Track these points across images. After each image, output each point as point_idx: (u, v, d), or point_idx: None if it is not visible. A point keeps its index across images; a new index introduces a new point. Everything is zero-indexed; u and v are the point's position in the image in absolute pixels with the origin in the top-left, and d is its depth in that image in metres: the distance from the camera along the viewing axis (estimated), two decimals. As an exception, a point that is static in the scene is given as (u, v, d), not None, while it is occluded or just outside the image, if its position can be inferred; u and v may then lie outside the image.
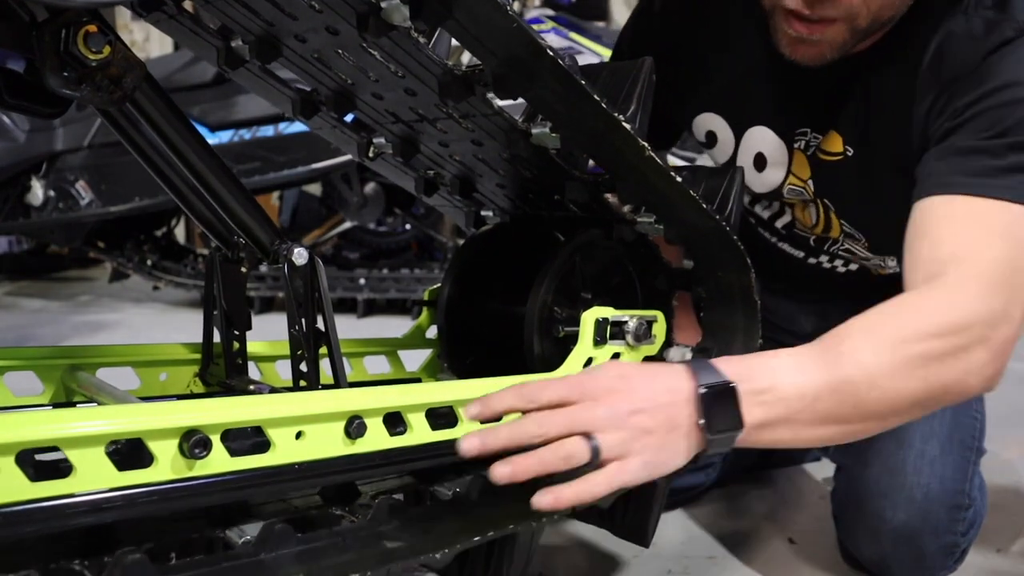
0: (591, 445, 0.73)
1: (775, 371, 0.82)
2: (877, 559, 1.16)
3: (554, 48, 0.77)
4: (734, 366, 0.81)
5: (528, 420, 0.74)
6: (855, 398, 0.82)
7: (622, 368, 0.80)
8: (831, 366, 0.82)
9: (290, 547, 0.71)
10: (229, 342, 0.98)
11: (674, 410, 0.77)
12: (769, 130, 1.20)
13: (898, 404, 0.84)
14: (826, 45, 1.02)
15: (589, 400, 0.75)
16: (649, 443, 0.75)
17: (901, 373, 0.83)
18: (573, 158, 0.98)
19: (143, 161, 0.91)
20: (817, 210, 1.24)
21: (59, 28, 0.65)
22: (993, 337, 0.86)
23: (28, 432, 0.59)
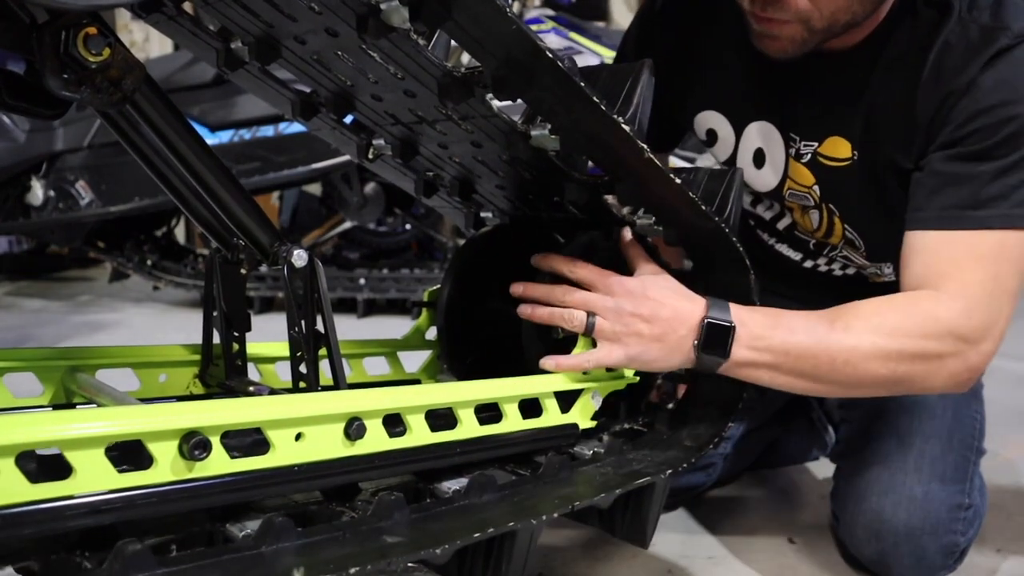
0: (589, 321, 0.96)
1: (775, 325, 0.99)
2: (877, 558, 1.16)
3: (553, 49, 0.77)
4: (743, 312, 0.99)
5: (558, 288, 0.98)
6: (829, 367, 0.98)
7: (653, 281, 0.99)
8: (820, 336, 0.98)
9: (290, 541, 0.71)
10: (229, 343, 0.98)
11: (671, 326, 0.97)
12: (768, 123, 1.21)
13: (863, 381, 1.00)
14: (786, 41, 1.05)
15: (606, 292, 0.97)
16: (637, 341, 0.97)
17: (874, 359, 0.98)
18: (572, 160, 0.98)
19: (143, 162, 0.91)
20: (821, 215, 1.25)
21: (59, 30, 0.65)
22: (971, 353, 1.00)
23: (28, 434, 0.59)
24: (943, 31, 1.03)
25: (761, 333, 0.98)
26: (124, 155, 0.96)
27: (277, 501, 0.81)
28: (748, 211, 1.38)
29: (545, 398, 0.98)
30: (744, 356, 0.98)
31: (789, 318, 1.00)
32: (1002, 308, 1.00)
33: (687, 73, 1.24)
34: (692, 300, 1.00)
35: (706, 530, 1.35)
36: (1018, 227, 1.00)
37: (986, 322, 0.99)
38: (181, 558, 0.65)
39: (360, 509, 0.80)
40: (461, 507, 0.85)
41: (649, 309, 0.96)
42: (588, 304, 0.97)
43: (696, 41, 1.23)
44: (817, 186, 1.20)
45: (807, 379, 1.00)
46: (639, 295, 0.97)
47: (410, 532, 0.77)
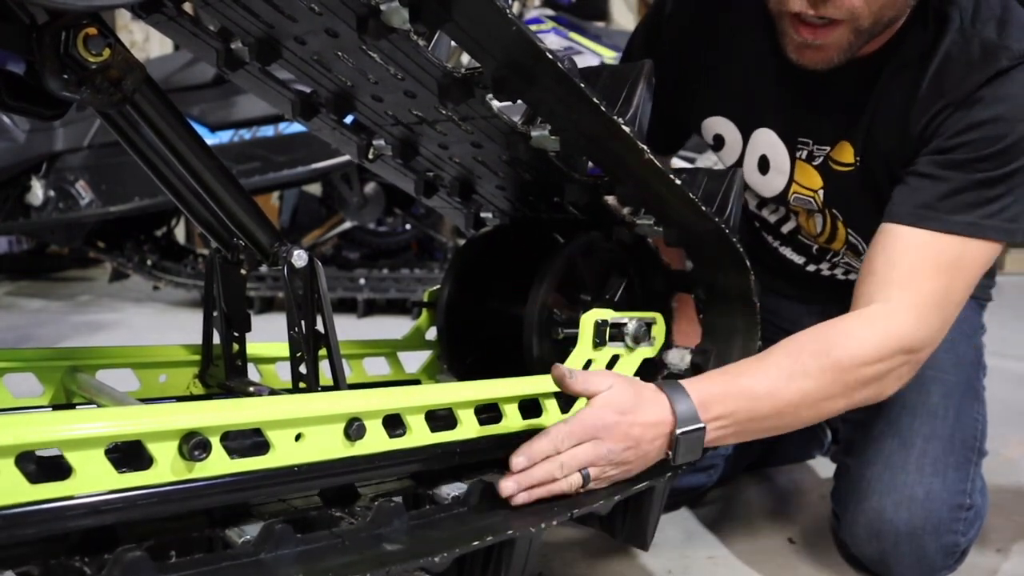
0: (583, 475, 0.91)
1: (735, 396, 0.98)
2: (878, 557, 1.16)
3: (553, 50, 0.77)
4: (702, 393, 0.96)
5: (552, 465, 0.89)
6: (793, 416, 1.02)
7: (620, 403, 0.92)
8: (779, 389, 0.99)
9: (290, 547, 0.71)
10: (229, 344, 0.98)
11: (654, 446, 0.95)
12: (773, 133, 1.22)
13: (825, 414, 1.04)
14: (832, 49, 1.04)
15: (595, 440, 0.91)
16: (623, 473, 0.94)
17: (835, 396, 1.01)
18: (572, 160, 0.98)
19: (143, 163, 0.91)
20: (824, 219, 1.25)
21: (59, 31, 0.65)
22: (918, 358, 1.05)
23: (28, 434, 0.59)
24: (944, 41, 1.04)
25: (723, 411, 0.97)
26: (124, 155, 0.96)
27: (276, 507, 0.81)
28: (754, 213, 1.39)
29: (545, 399, 0.98)
30: (713, 437, 0.97)
31: (748, 379, 0.99)
32: (948, 317, 1.05)
33: (694, 78, 1.25)
34: (659, 407, 0.94)
35: (706, 530, 1.35)
36: (982, 238, 1.03)
37: (933, 332, 1.04)
38: (180, 564, 0.65)
39: (359, 516, 0.80)
40: (460, 514, 0.85)
41: (634, 438, 0.93)
42: (584, 463, 0.91)
43: (704, 47, 1.23)
44: (822, 190, 1.21)
45: (773, 429, 1.03)
46: (624, 428, 0.92)
47: (409, 539, 0.77)
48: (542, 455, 0.89)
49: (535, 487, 0.88)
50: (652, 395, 0.95)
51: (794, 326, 1.44)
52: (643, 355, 1.09)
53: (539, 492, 0.89)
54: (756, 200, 1.35)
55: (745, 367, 1.02)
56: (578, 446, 0.90)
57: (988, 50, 1.02)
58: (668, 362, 1.13)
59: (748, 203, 1.39)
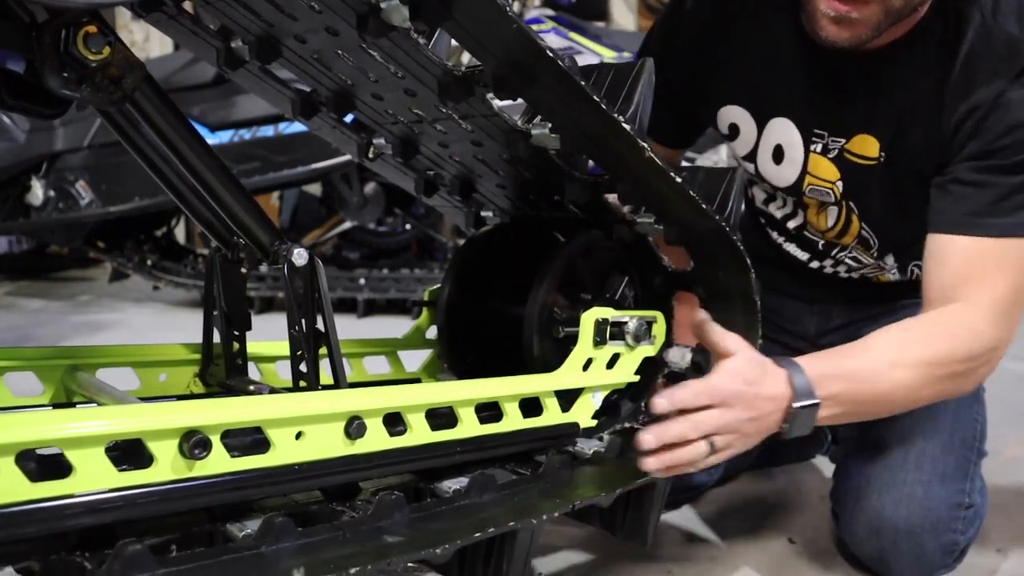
0: (710, 443, 0.95)
1: (845, 378, 1.03)
2: (877, 555, 1.16)
3: (553, 49, 0.77)
4: (817, 370, 1.01)
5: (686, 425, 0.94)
6: (888, 404, 1.09)
7: (747, 371, 0.98)
8: (879, 377, 1.04)
9: (290, 540, 0.71)
10: (229, 342, 0.98)
11: (772, 419, 0.99)
12: (789, 122, 1.22)
13: (913, 403, 1.11)
14: (862, 25, 1.05)
15: (723, 406, 0.95)
16: (744, 443, 0.98)
17: (926, 388, 1.07)
18: (573, 159, 0.98)
19: (143, 162, 0.91)
20: (839, 212, 1.26)
21: (59, 29, 0.65)
22: (996, 358, 1.09)
23: (28, 433, 0.59)
24: (967, 37, 1.06)
25: (834, 391, 1.01)
26: (124, 155, 0.96)
27: (277, 501, 0.81)
28: (760, 208, 1.39)
29: (546, 397, 0.98)
30: (821, 416, 1.02)
31: (855, 363, 1.05)
32: (1018, 315, 1.09)
33: (712, 69, 1.25)
34: (780, 380, 0.99)
35: (706, 530, 1.35)
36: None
37: (1008, 329, 1.08)
38: (181, 558, 0.65)
39: (360, 509, 0.80)
40: (461, 506, 0.85)
41: (757, 409, 0.98)
42: (712, 429, 0.95)
43: (723, 38, 1.24)
44: (841, 182, 1.22)
45: (869, 414, 1.10)
46: (749, 398, 0.97)
47: (410, 532, 0.77)
48: (682, 404, 0.94)
49: (667, 452, 0.93)
50: (773, 368, 0.99)
51: (795, 324, 1.45)
52: (644, 354, 1.09)
53: (669, 459, 0.93)
54: (764, 195, 1.35)
55: (851, 351, 1.06)
56: (708, 409, 0.94)
57: (1012, 45, 1.04)
58: (669, 361, 1.13)
59: (756, 199, 1.39)
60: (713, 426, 0.95)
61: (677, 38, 1.28)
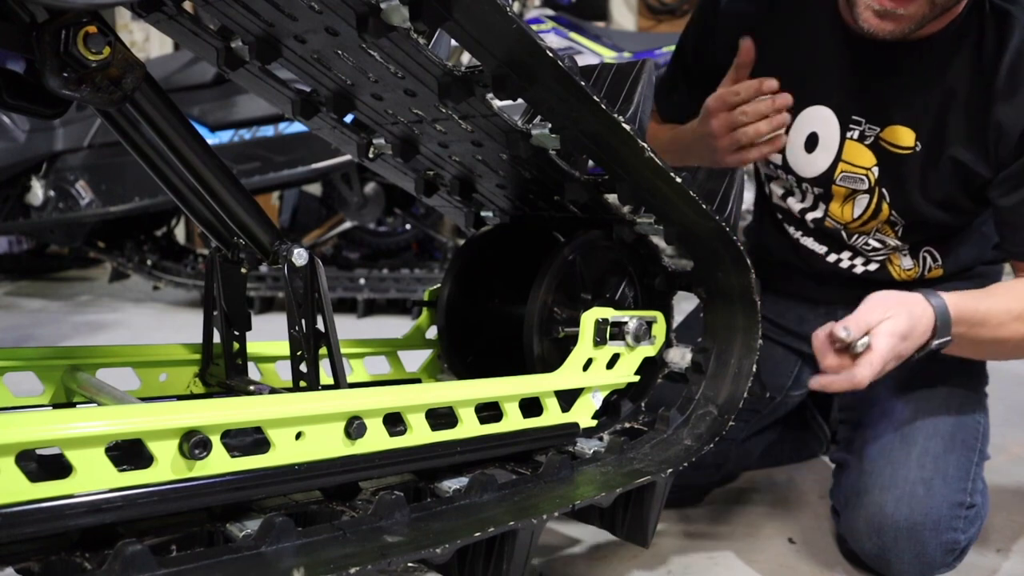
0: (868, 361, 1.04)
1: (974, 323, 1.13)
2: (877, 553, 1.16)
3: (553, 49, 0.77)
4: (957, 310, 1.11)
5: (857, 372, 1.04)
6: (999, 350, 1.19)
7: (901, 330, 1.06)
8: (1003, 325, 1.15)
9: (290, 540, 0.71)
10: (229, 343, 0.98)
11: (912, 351, 1.09)
12: (826, 109, 1.26)
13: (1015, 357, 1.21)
14: (906, 19, 1.08)
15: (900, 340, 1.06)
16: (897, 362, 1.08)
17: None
18: (573, 159, 0.98)
19: (143, 162, 0.91)
20: (870, 200, 1.28)
21: (59, 29, 0.65)
22: None
23: (28, 433, 0.59)
24: (1011, 42, 1.11)
25: (962, 330, 1.12)
26: (124, 155, 0.96)
27: (277, 501, 0.81)
28: (777, 204, 1.40)
29: (546, 397, 0.98)
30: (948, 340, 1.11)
31: (985, 308, 1.14)
32: None
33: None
34: (928, 318, 1.09)
35: (706, 530, 1.35)
36: None
37: None
38: (181, 558, 0.65)
39: (360, 508, 0.80)
40: (462, 506, 0.85)
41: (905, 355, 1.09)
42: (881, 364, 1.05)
43: (756, 28, 1.26)
44: (877, 167, 1.25)
45: (980, 355, 1.22)
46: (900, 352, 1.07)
47: (410, 531, 0.77)
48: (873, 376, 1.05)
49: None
50: (921, 311, 1.08)
51: (800, 326, 1.45)
52: (644, 353, 1.09)
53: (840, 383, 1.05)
54: (783, 190, 1.37)
55: (983, 296, 1.17)
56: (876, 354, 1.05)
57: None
58: (669, 360, 1.13)
59: (773, 194, 1.40)
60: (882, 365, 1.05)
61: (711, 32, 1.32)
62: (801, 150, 1.29)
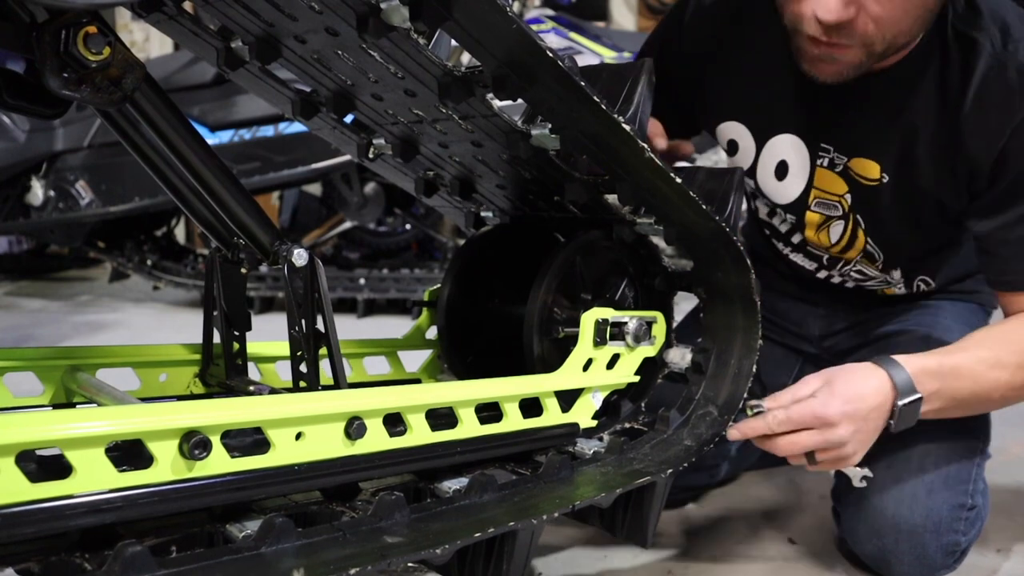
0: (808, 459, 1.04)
1: (944, 376, 1.07)
2: (878, 555, 1.16)
3: (553, 49, 0.77)
4: (917, 368, 1.05)
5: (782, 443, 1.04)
6: (984, 402, 1.12)
7: (847, 392, 1.03)
8: (979, 376, 1.08)
9: (290, 541, 0.71)
10: (229, 343, 0.98)
11: (879, 421, 1.05)
12: (796, 137, 1.22)
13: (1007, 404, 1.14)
14: (844, 64, 1.06)
15: (824, 429, 1.02)
16: (861, 447, 1.05)
17: (1018, 390, 1.10)
18: (573, 159, 0.98)
19: (143, 162, 0.91)
20: (845, 226, 1.26)
21: (59, 29, 0.65)
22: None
23: (28, 433, 0.59)
24: (978, 68, 1.06)
25: (935, 388, 1.06)
26: (124, 155, 0.96)
27: (277, 501, 0.81)
28: (764, 221, 1.39)
29: (546, 397, 0.98)
30: (924, 410, 1.07)
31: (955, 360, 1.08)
32: None
33: (709, 84, 1.26)
34: (879, 383, 1.04)
35: (706, 530, 1.35)
36: None
37: None
38: (181, 559, 0.65)
39: (360, 509, 0.80)
40: (461, 507, 0.85)
41: (862, 418, 1.03)
42: (807, 448, 1.03)
43: (720, 55, 1.24)
44: (849, 195, 1.22)
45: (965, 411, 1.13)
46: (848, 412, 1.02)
47: (410, 532, 0.77)
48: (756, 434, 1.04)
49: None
50: (873, 371, 1.04)
51: (800, 327, 1.45)
52: (644, 354, 1.09)
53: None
54: (767, 208, 1.35)
55: (950, 351, 1.10)
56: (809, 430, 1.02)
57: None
58: (669, 361, 1.13)
59: (759, 211, 1.39)
60: (813, 445, 1.02)
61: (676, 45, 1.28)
62: (771, 178, 1.27)
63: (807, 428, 1.02)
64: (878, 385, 1.04)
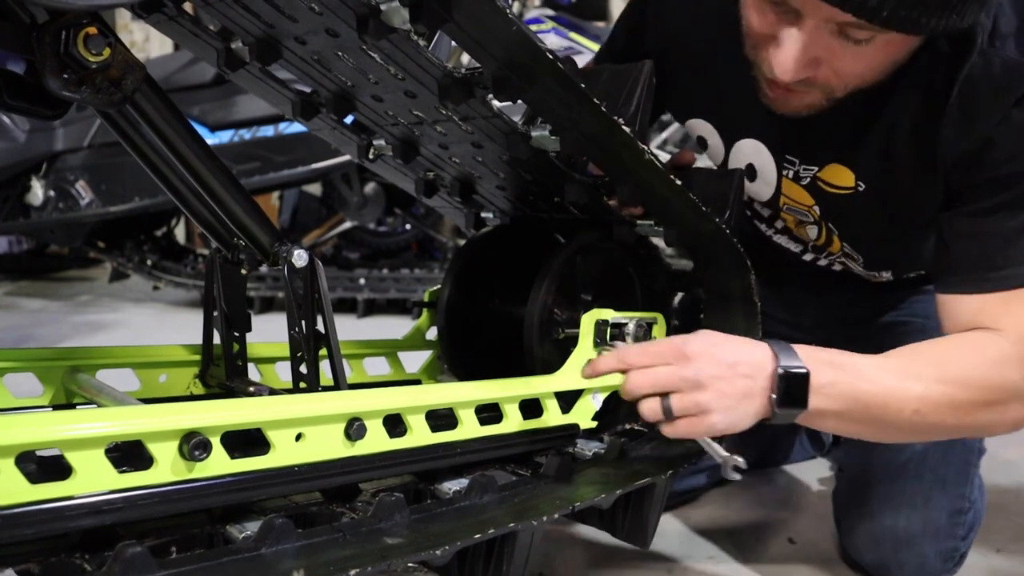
0: (664, 406, 0.89)
1: (843, 369, 0.93)
2: (878, 563, 1.16)
3: (553, 51, 0.77)
4: (807, 354, 0.92)
5: (630, 379, 0.91)
6: (897, 415, 0.94)
7: (715, 338, 0.92)
8: (889, 384, 0.93)
9: (290, 542, 0.71)
10: (229, 344, 0.98)
11: (752, 381, 0.90)
12: (760, 143, 1.17)
13: (929, 429, 0.97)
14: (802, 106, 1.00)
15: (680, 363, 0.89)
16: (724, 402, 0.89)
17: (944, 409, 0.94)
18: (573, 160, 0.98)
19: (143, 162, 0.91)
20: (820, 230, 1.22)
21: (59, 30, 0.65)
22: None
23: (28, 434, 0.59)
24: (965, 65, 0.96)
25: (832, 379, 0.92)
26: (124, 155, 0.96)
27: (277, 502, 0.81)
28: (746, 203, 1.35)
29: (546, 398, 0.98)
30: (818, 405, 0.91)
31: (857, 362, 0.94)
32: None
33: (677, 74, 1.19)
34: (760, 349, 0.92)
35: (706, 530, 1.35)
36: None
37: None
38: (181, 560, 0.65)
39: (360, 510, 0.80)
40: (461, 508, 0.85)
41: (727, 367, 0.89)
42: (659, 386, 0.89)
43: (688, 44, 1.18)
44: (817, 207, 1.17)
45: (873, 426, 0.96)
46: (711, 354, 0.89)
47: (410, 533, 0.77)
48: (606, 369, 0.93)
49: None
50: (752, 342, 0.93)
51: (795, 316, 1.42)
52: (643, 355, 1.09)
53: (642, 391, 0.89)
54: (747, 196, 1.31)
55: (855, 354, 0.96)
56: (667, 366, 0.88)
57: (1012, 69, 0.94)
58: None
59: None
60: (658, 381, 0.88)
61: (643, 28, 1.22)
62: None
63: (664, 364, 0.89)
64: (754, 345, 0.92)
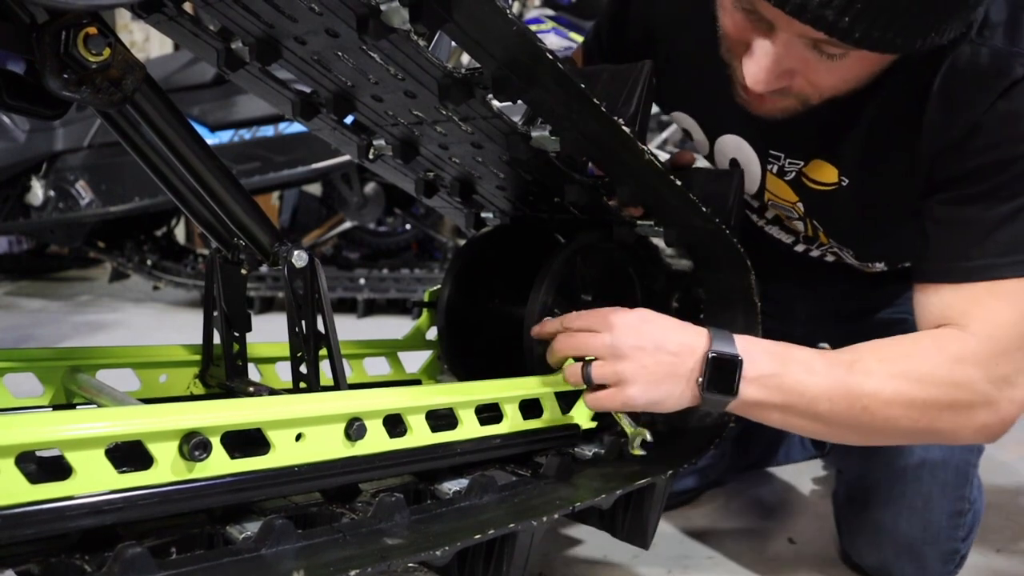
0: (584, 372, 0.93)
1: (785, 361, 0.91)
2: (878, 566, 1.16)
3: (553, 51, 0.77)
4: (751, 345, 0.91)
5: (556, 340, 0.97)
6: (847, 412, 0.90)
7: (649, 315, 0.93)
8: (837, 377, 0.90)
9: (290, 543, 0.71)
10: (229, 344, 0.98)
11: (678, 360, 0.90)
12: (742, 139, 1.15)
13: (883, 430, 0.92)
14: (777, 110, 0.98)
15: (606, 331, 0.91)
16: (644, 376, 0.90)
17: (897, 407, 0.90)
18: (573, 161, 0.98)
19: (143, 162, 0.91)
20: (806, 225, 1.20)
21: (59, 30, 0.65)
22: (1002, 402, 0.91)
23: (28, 434, 0.59)
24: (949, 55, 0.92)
25: (772, 370, 0.90)
26: (124, 155, 0.96)
27: (277, 503, 0.81)
28: None
29: (546, 399, 0.98)
30: (753, 395, 0.90)
31: (803, 355, 0.92)
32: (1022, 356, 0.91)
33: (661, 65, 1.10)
34: (695, 332, 0.92)
35: (706, 530, 1.35)
36: None
37: (1018, 366, 0.91)
38: (181, 560, 0.65)
39: (360, 511, 0.80)
40: (461, 508, 0.85)
41: (652, 342, 0.90)
42: (580, 350, 0.93)
43: (671, 36, 1.15)
44: (801, 203, 1.15)
45: (822, 423, 0.92)
46: (638, 327, 0.91)
47: (410, 533, 0.77)
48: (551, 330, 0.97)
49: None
50: (690, 325, 0.93)
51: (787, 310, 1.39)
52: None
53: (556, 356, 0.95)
54: None
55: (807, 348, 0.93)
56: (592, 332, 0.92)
57: (1000, 59, 0.90)
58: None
59: None
60: (579, 345, 0.92)
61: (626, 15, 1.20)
62: None
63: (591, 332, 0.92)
64: (690, 328, 0.92)
